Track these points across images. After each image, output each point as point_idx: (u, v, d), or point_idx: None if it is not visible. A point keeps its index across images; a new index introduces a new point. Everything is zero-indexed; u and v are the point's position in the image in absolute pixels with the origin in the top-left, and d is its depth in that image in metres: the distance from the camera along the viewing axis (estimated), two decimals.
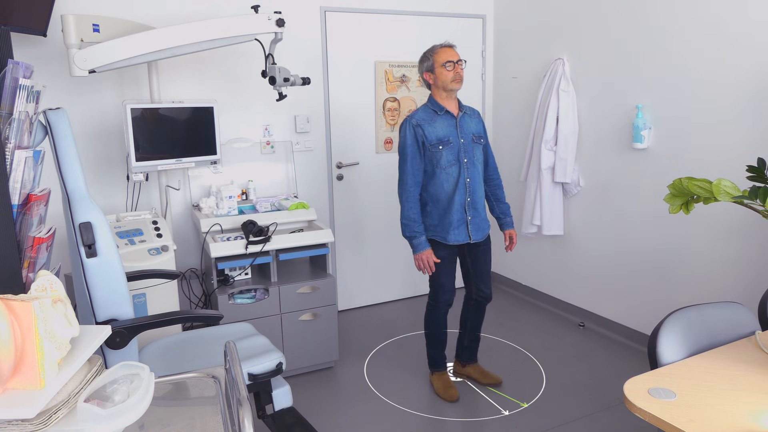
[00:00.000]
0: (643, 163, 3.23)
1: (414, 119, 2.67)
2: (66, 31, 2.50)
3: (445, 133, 2.65)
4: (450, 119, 2.68)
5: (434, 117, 2.67)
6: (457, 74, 2.62)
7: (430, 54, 2.66)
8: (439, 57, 2.62)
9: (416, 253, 2.69)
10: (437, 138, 2.64)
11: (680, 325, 1.71)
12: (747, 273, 2.79)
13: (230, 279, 2.98)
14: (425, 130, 2.64)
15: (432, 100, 2.71)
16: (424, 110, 2.70)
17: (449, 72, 2.61)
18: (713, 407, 1.39)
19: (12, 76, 1.32)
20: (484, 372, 3.02)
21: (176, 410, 1.23)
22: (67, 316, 1.10)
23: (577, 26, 3.55)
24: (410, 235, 2.68)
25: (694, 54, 2.90)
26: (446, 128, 2.66)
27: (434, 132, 2.64)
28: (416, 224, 2.66)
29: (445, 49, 2.64)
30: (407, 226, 2.68)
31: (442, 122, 2.66)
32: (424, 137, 2.64)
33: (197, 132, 3.03)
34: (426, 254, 2.67)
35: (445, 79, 2.62)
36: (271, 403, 2.13)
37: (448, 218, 2.69)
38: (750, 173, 1.74)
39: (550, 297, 4.03)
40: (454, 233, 2.71)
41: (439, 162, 2.64)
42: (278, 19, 2.70)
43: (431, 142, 2.63)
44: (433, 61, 2.64)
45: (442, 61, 2.61)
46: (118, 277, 1.71)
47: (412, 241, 2.68)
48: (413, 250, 2.70)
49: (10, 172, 1.31)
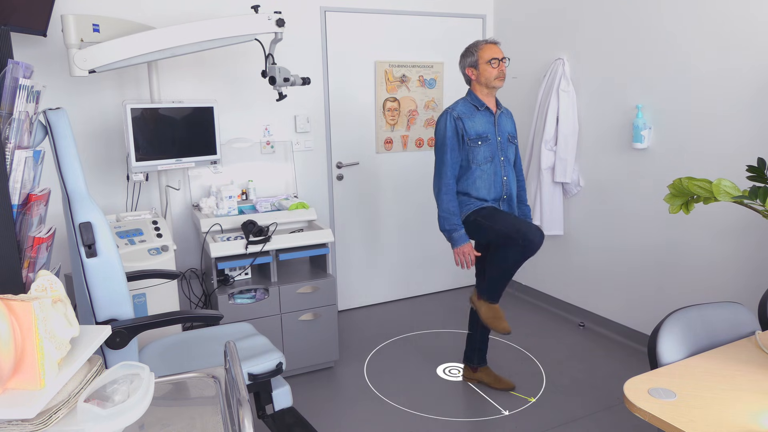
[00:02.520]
0: (643, 163, 3.23)
1: (455, 111, 2.61)
2: (66, 31, 2.50)
3: (484, 129, 2.62)
4: (489, 116, 2.65)
5: (474, 112, 2.63)
6: (501, 72, 2.58)
7: (474, 49, 2.60)
8: (485, 53, 2.57)
9: (456, 247, 2.60)
10: (476, 133, 2.60)
11: (680, 325, 1.71)
12: (747, 273, 2.79)
13: (230, 279, 2.98)
14: (465, 123, 2.59)
15: (472, 95, 2.66)
16: (464, 104, 2.65)
17: (494, 69, 2.57)
18: (713, 407, 1.39)
19: (12, 76, 1.32)
20: (496, 377, 2.96)
21: (176, 410, 1.23)
22: (67, 316, 1.10)
23: (577, 26, 3.55)
24: (450, 228, 2.60)
25: (694, 54, 2.90)
26: (485, 125, 2.62)
27: (474, 127, 2.60)
28: (456, 217, 2.59)
29: (491, 46, 2.59)
30: (446, 219, 2.60)
31: (481, 118, 2.63)
32: (464, 131, 2.59)
33: (197, 132, 3.03)
34: (467, 248, 2.60)
35: (489, 75, 2.58)
36: (271, 403, 2.13)
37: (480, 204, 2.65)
38: (750, 173, 1.74)
39: (550, 297, 4.03)
40: None
41: (476, 158, 2.60)
42: (278, 19, 2.69)
43: (470, 137, 2.59)
44: (478, 57, 2.58)
45: (487, 57, 2.57)
46: (118, 277, 1.71)
47: (452, 234, 2.60)
48: (453, 243, 2.61)
49: (10, 172, 1.31)
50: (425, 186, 4.17)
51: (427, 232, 4.25)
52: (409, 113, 4.02)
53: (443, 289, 4.42)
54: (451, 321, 3.83)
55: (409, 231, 4.18)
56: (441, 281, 4.40)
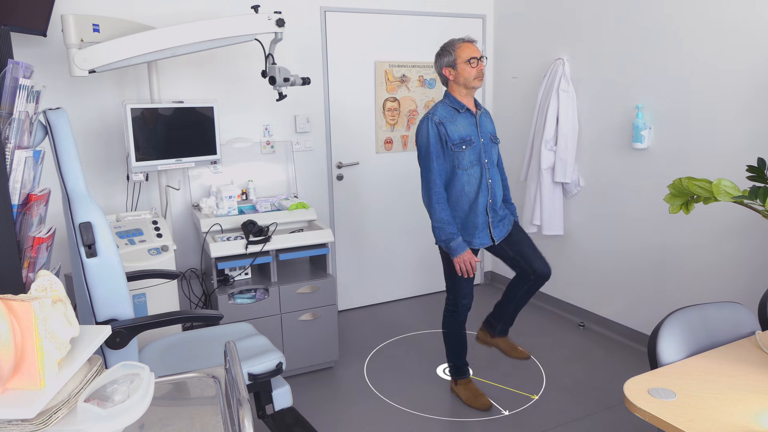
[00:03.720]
0: (643, 163, 3.23)
1: (436, 116, 2.50)
2: (66, 31, 2.50)
3: (467, 132, 2.52)
4: (470, 118, 2.56)
5: (455, 115, 2.53)
6: (480, 71, 2.49)
7: (451, 48, 2.50)
8: (462, 52, 2.48)
9: (456, 257, 2.51)
10: (460, 137, 2.51)
11: (680, 325, 1.71)
12: (747, 273, 2.79)
13: (230, 279, 2.98)
14: (448, 128, 2.49)
15: (451, 97, 2.56)
16: (443, 107, 2.55)
17: (473, 69, 2.48)
18: (713, 407, 1.39)
19: (12, 76, 1.32)
20: (513, 345, 2.82)
21: (176, 410, 1.23)
22: (67, 316, 1.10)
23: (577, 26, 3.55)
24: (446, 239, 2.50)
25: (694, 54, 2.90)
26: (467, 127, 2.53)
27: (457, 131, 2.51)
28: (451, 226, 2.50)
29: (468, 45, 2.50)
30: (441, 229, 2.51)
31: (463, 121, 2.53)
32: (447, 136, 2.49)
33: (197, 132, 3.03)
34: (467, 256, 2.51)
35: (468, 75, 2.48)
36: (271, 403, 2.13)
37: (472, 221, 2.58)
38: (750, 173, 1.74)
39: (550, 297, 4.03)
40: (479, 236, 2.60)
41: (461, 162, 2.51)
42: (278, 19, 2.70)
43: (454, 142, 2.49)
44: (456, 57, 2.48)
45: (465, 57, 2.47)
46: (118, 277, 1.71)
47: (449, 244, 2.50)
48: (452, 253, 2.52)
49: (10, 172, 1.31)
50: None
51: (427, 231, 4.24)
52: (409, 113, 4.02)
53: (443, 289, 4.39)
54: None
55: (409, 231, 4.18)
56: (441, 281, 4.37)
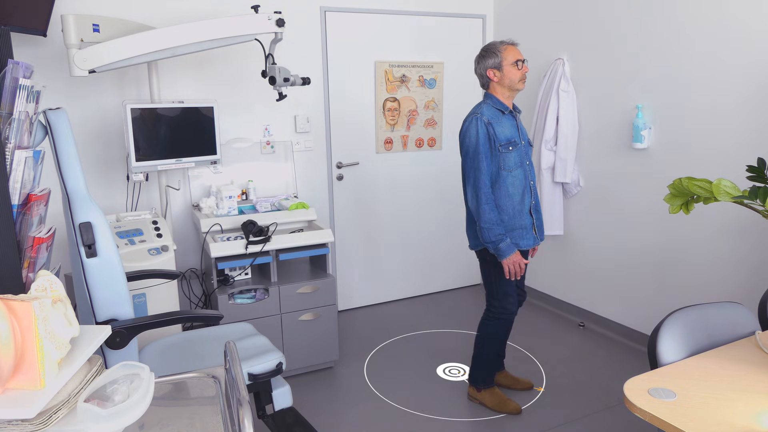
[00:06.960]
0: (643, 163, 3.23)
1: (485, 116, 2.49)
2: (66, 31, 2.50)
3: (511, 134, 2.53)
4: (512, 120, 2.58)
5: (500, 116, 2.53)
6: (524, 74, 2.52)
7: (496, 50, 2.51)
8: (509, 54, 2.49)
9: (504, 258, 2.47)
10: (506, 138, 2.50)
11: (680, 325, 1.71)
12: (747, 273, 2.79)
13: (230, 279, 2.98)
14: (495, 129, 2.49)
15: (493, 98, 2.55)
16: (488, 108, 2.53)
17: (518, 71, 2.49)
18: (713, 407, 1.39)
19: (12, 76, 1.32)
20: (515, 378, 2.93)
21: (176, 410, 1.23)
22: (67, 316, 1.10)
23: (577, 26, 3.55)
24: (495, 240, 2.46)
25: (694, 54, 2.90)
26: (511, 129, 2.54)
27: (503, 132, 2.51)
28: (499, 227, 2.47)
29: (514, 47, 2.52)
30: (490, 230, 2.46)
31: (507, 122, 2.54)
32: (495, 136, 2.48)
33: (197, 132, 3.03)
34: (516, 257, 2.48)
35: (513, 77, 2.50)
36: (271, 403, 2.13)
37: (519, 222, 2.56)
38: (750, 173, 1.74)
39: (550, 297, 4.03)
40: (526, 238, 2.59)
41: (507, 164, 2.50)
42: (278, 19, 2.70)
43: (501, 143, 2.49)
44: (502, 59, 2.49)
45: (512, 59, 2.49)
46: (118, 277, 1.71)
47: (498, 245, 2.46)
48: (500, 255, 2.48)
49: (10, 172, 1.31)
50: (425, 186, 4.17)
51: (427, 232, 4.25)
52: (409, 113, 4.02)
53: (443, 289, 4.42)
54: (451, 321, 3.83)
55: (409, 231, 4.18)
56: (441, 281, 4.40)
